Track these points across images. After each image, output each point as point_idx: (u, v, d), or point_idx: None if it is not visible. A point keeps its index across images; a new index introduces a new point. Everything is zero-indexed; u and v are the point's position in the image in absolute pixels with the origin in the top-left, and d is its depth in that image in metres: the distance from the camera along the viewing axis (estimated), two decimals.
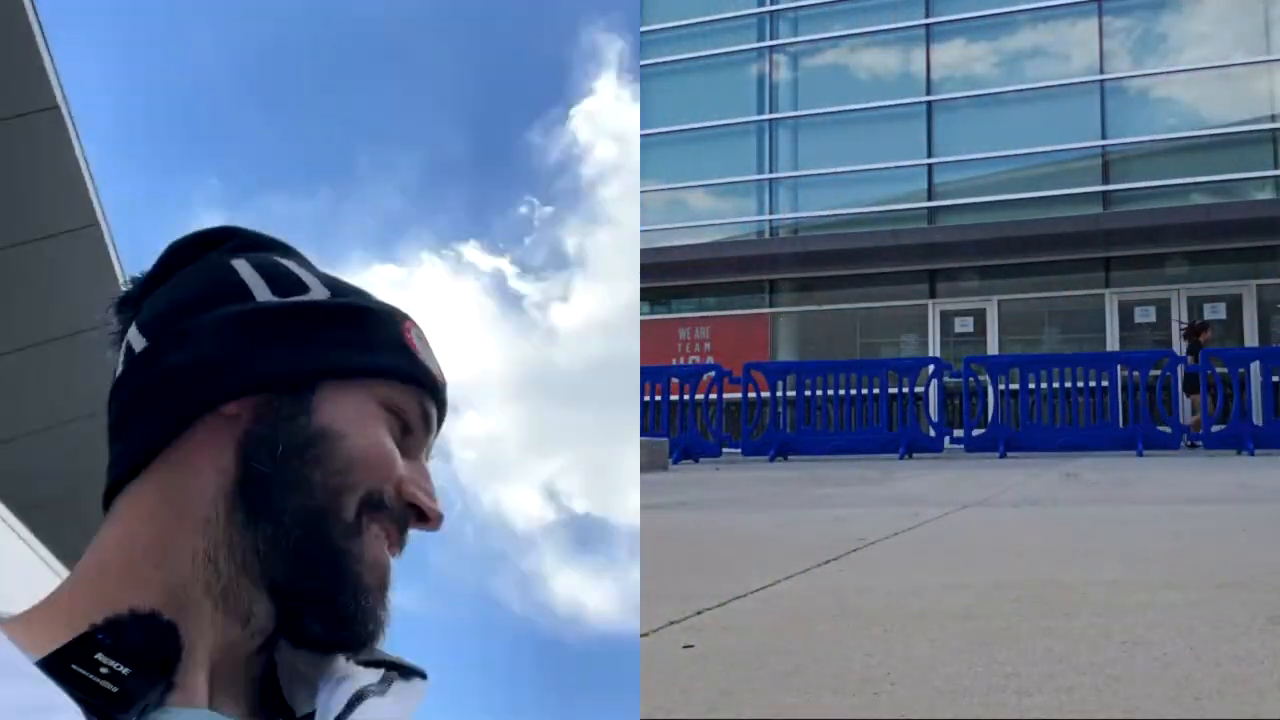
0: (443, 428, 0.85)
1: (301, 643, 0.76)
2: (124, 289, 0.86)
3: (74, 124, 7.04)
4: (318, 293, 0.82)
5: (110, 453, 0.79)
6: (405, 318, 0.84)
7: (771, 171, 19.43)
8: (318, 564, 0.73)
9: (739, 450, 13.47)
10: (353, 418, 0.77)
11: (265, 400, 0.76)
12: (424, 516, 0.80)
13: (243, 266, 0.82)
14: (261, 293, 0.80)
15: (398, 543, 0.79)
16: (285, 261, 0.84)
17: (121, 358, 0.81)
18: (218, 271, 0.82)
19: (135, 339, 0.80)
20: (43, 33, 6.63)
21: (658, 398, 13.39)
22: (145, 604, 0.69)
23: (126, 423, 0.78)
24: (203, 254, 0.84)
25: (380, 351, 0.81)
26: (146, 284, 0.85)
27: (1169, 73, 17.40)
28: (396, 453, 0.79)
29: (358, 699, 0.74)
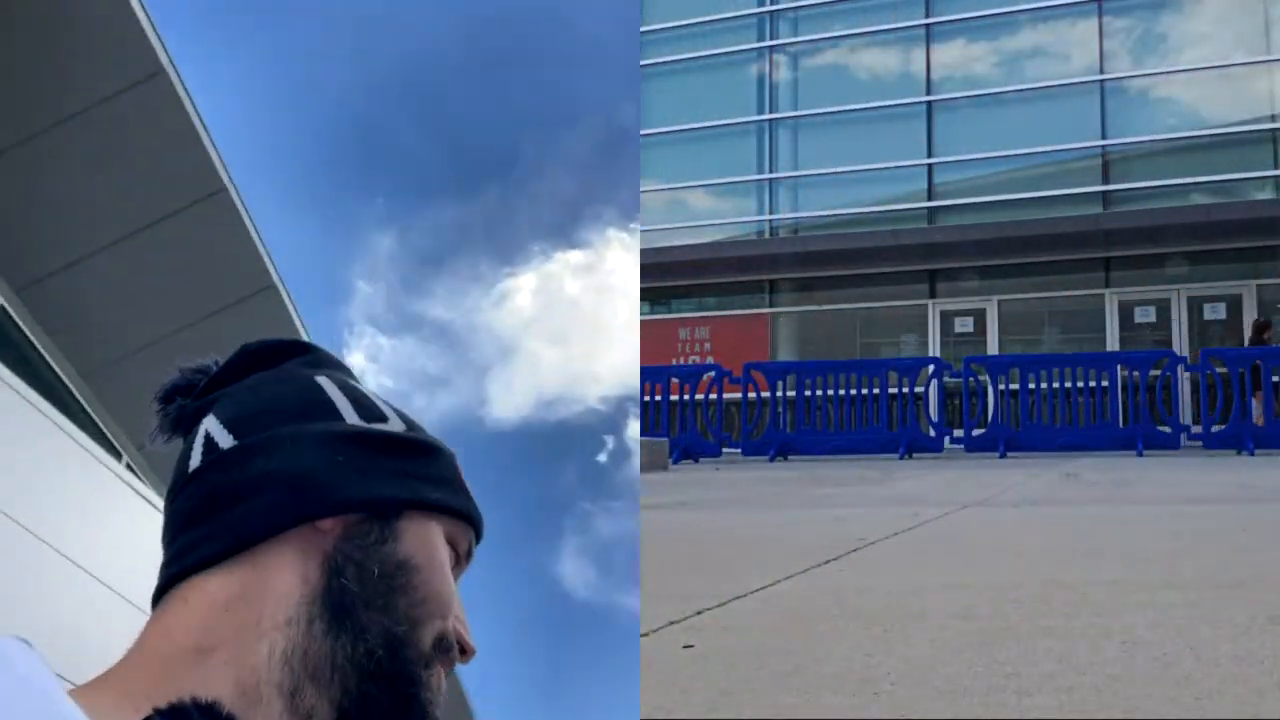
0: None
1: None
2: (183, 374, 0.88)
3: (241, 201, 7.62)
4: (395, 422, 0.86)
5: (180, 538, 0.80)
6: (454, 453, 0.88)
7: (771, 171, 19.43)
8: (395, 684, 0.76)
9: (739, 450, 13.47)
10: (430, 552, 0.81)
11: (357, 521, 0.79)
12: (463, 650, 0.83)
13: (328, 385, 0.85)
14: (349, 415, 0.84)
15: (446, 677, 0.82)
16: (360, 386, 0.88)
17: (200, 448, 0.82)
18: (304, 385, 0.85)
19: (219, 433, 0.82)
20: (201, 121, 7.19)
21: (658, 398, 13.39)
22: (211, 694, 0.70)
23: (208, 516, 0.79)
24: (278, 362, 0.88)
25: (448, 488, 0.85)
26: (217, 380, 0.87)
27: (1169, 73, 17.41)
28: (455, 589, 0.84)
29: None
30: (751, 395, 13.58)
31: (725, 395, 13.73)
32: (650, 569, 3.06)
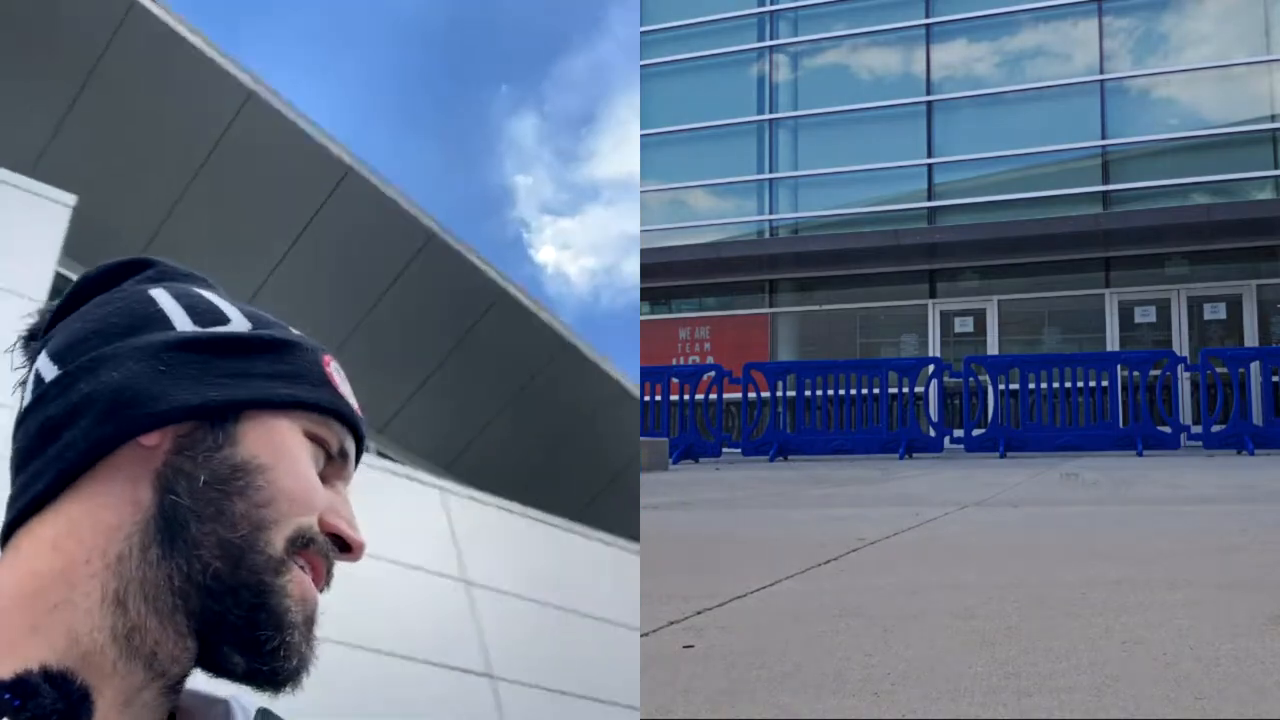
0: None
1: (221, 674, 0.73)
2: (40, 318, 0.83)
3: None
4: (239, 324, 0.81)
5: (13, 485, 0.75)
6: (325, 351, 0.83)
7: (771, 171, 19.43)
8: (239, 595, 0.71)
9: (739, 450, 13.48)
10: (278, 450, 0.76)
11: (187, 430, 0.74)
12: (346, 547, 0.78)
13: (162, 296, 0.80)
14: (182, 322, 0.79)
15: (325, 578, 0.77)
16: (205, 293, 0.83)
17: (30, 387, 0.78)
18: (135, 300, 0.80)
19: (46, 367, 0.77)
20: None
21: (658, 398, 13.39)
22: (49, 653, 0.67)
23: (34, 453, 0.75)
24: (118, 283, 0.83)
25: (303, 383, 0.79)
26: (58, 313, 0.82)
27: (1169, 73, 17.40)
28: (320, 484, 0.78)
29: None
30: (751, 395, 13.58)
31: (725, 395, 13.74)
32: (650, 569, 3.06)
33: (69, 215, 5.21)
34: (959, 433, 13.64)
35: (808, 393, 13.47)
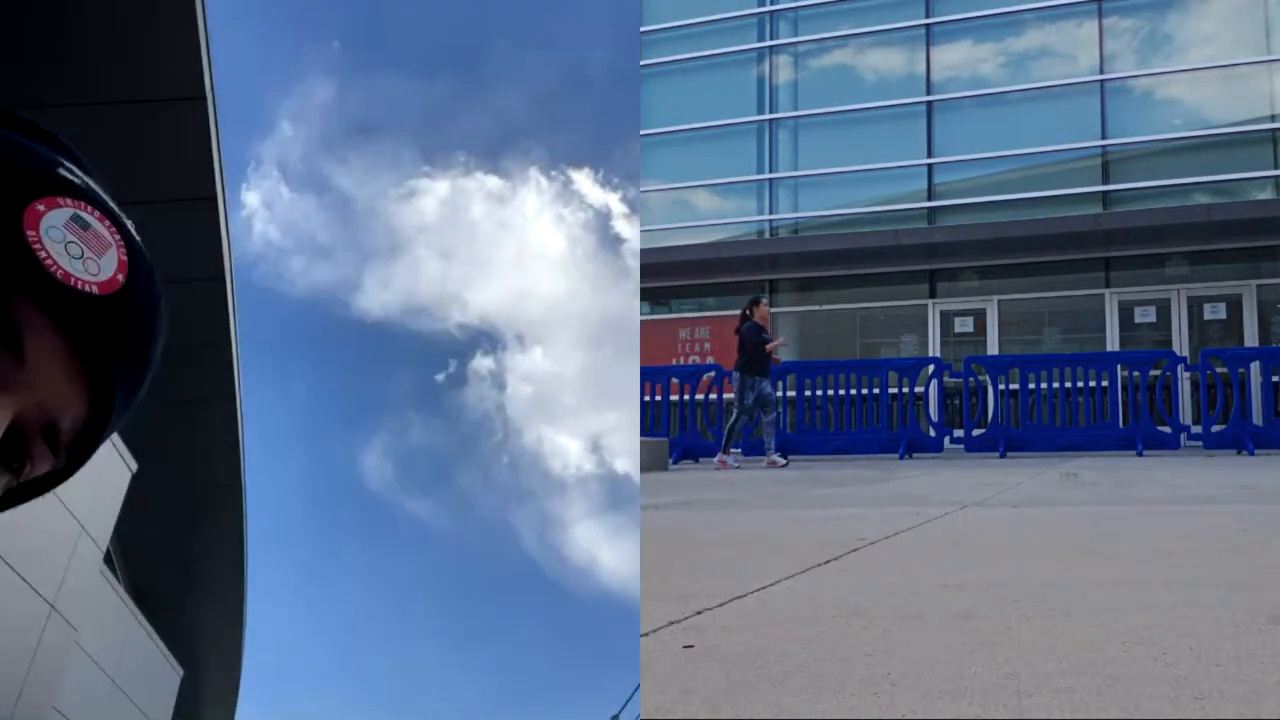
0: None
1: None
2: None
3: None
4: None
5: None
6: (53, 191, 0.65)
7: (772, 171, 19.44)
8: None
9: (739, 450, 13.48)
10: None
11: None
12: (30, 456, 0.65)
13: None
14: None
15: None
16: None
17: None
18: None
19: None
20: None
21: (658, 398, 13.39)
22: None
23: None
24: None
25: None
26: None
27: (1169, 73, 17.41)
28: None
29: None
30: None
31: (725, 395, 13.74)
32: (650, 569, 3.06)
33: None
34: (959, 433, 13.65)
35: (808, 393, 13.47)
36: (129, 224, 0.69)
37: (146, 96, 7.51)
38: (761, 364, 11.14)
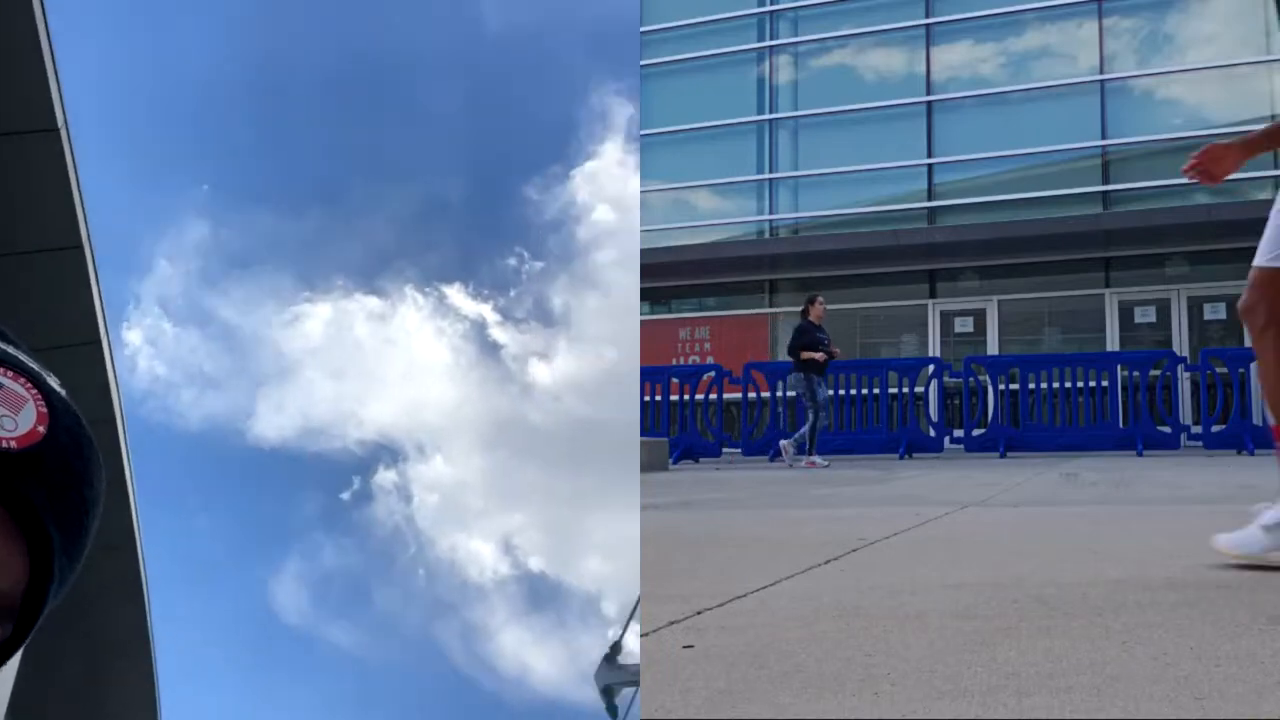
0: None
1: None
2: None
3: (71, 144, 7.11)
4: None
5: None
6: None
7: (771, 172, 19.44)
8: None
9: (739, 450, 13.48)
10: None
11: None
12: None
13: None
14: None
15: None
16: None
17: None
18: None
19: None
20: (51, 48, 6.71)
21: (658, 398, 13.39)
22: None
23: None
24: None
25: None
26: None
27: (1169, 73, 17.41)
28: None
29: None
30: (751, 395, 13.58)
31: (725, 395, 13.74)
32: (650, 569, 3.06)
33: None
34: (959, 433, 13.65)
35: None
36: (47, 376, 0.70)
37: (22, 249, 7.54)
38: (812, 362, 10.80)
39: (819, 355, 10.84)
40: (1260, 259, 3.02)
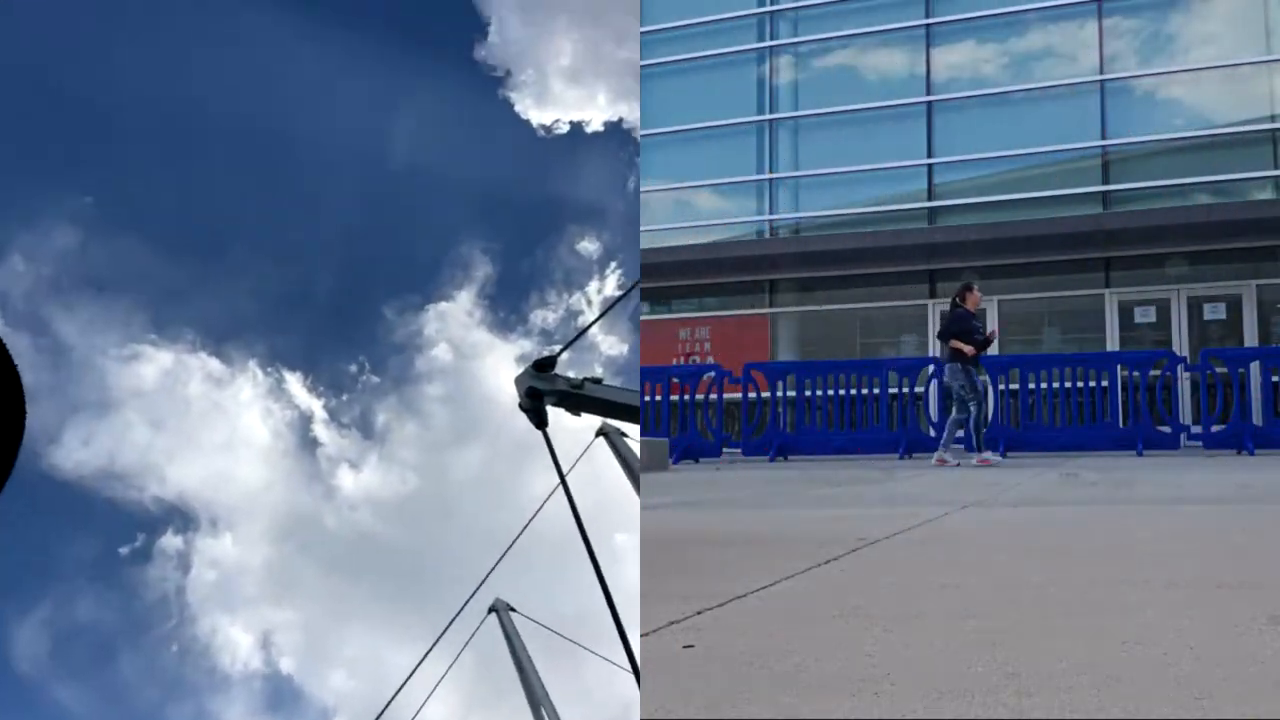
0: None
1: None
2: None
3: None
4: None
5: None
6: None
7: (772, 172, 19.44)
8: None
9: (739, 450, 13.48)
10: None
11: None
12: None
13: None
14: None
15: None
16: None
17: None
18: None
19: None
20: None
21: (658, 398, 13.39)
22: None
23: None
24: None
25: None
26: None
27: (1169, 73, 17.40)
28: None
29: None
30: (751, 395, 13.58)
31: (725, 395, 13.73)
32: (650, 569, 3.06)
33: None
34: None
35: (808, 393, 13.47)
36: None
37: None
38: (963, 351, 10.42)
39: (967, 348, 10.46)
40: None
